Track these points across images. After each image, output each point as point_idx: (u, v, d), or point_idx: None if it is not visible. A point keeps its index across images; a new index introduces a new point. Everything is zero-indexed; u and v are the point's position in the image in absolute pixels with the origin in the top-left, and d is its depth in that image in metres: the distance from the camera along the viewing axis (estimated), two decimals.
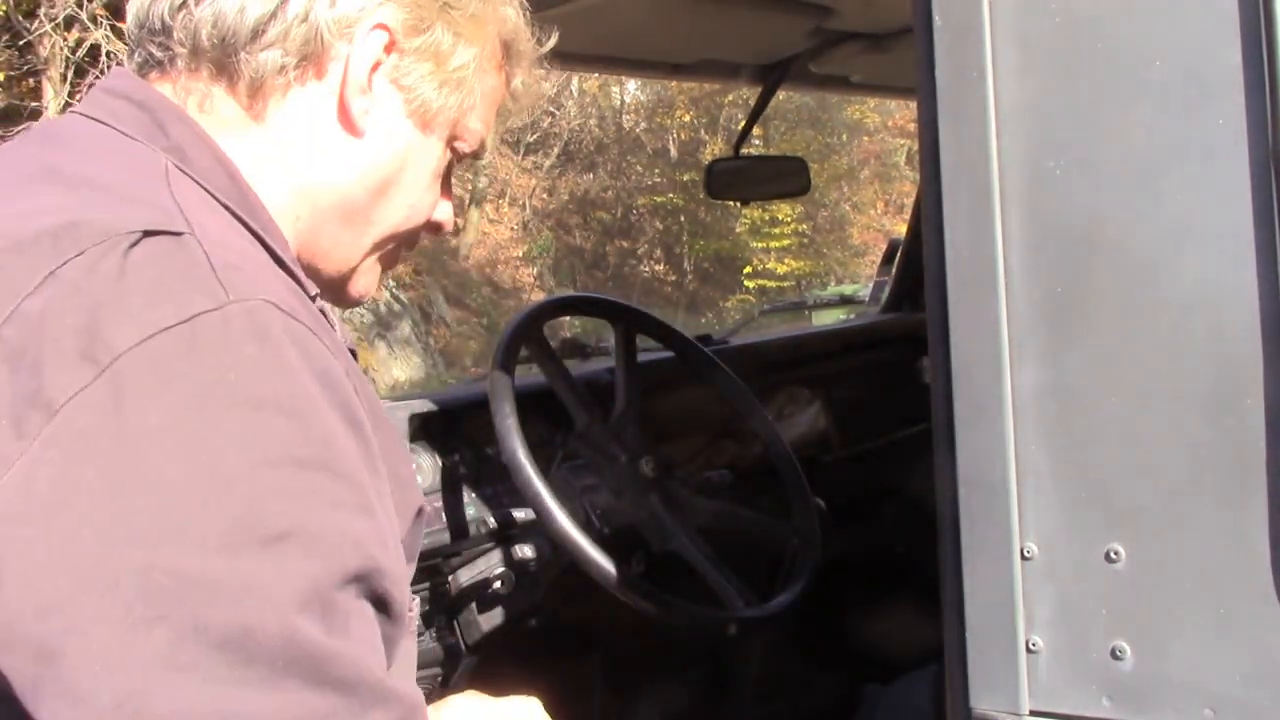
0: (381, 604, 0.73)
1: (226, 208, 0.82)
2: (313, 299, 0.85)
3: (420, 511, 0.90)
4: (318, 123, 0.87)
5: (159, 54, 0.86)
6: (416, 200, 0.94)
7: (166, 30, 0.85)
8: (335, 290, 0.95)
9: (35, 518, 0.63)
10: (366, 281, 0.97)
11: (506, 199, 18.69)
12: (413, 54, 0.88)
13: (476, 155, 0.99)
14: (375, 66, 0.87)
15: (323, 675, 0.66)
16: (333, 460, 0.70)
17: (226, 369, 0.67)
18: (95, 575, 0.62)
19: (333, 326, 0.88)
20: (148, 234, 0.70)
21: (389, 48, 0.87)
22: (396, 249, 0.98)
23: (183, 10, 0.84)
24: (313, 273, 0.91)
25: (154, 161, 0.81)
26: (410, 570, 0.91)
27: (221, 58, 0.84)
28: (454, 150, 0.95)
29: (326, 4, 0.84)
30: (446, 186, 0.99)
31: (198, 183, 0.81)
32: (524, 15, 0.98)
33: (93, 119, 0.84)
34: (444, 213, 0.99)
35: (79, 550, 0.62)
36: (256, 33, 0.83)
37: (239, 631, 0.63)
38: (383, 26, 0.86)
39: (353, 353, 0.91)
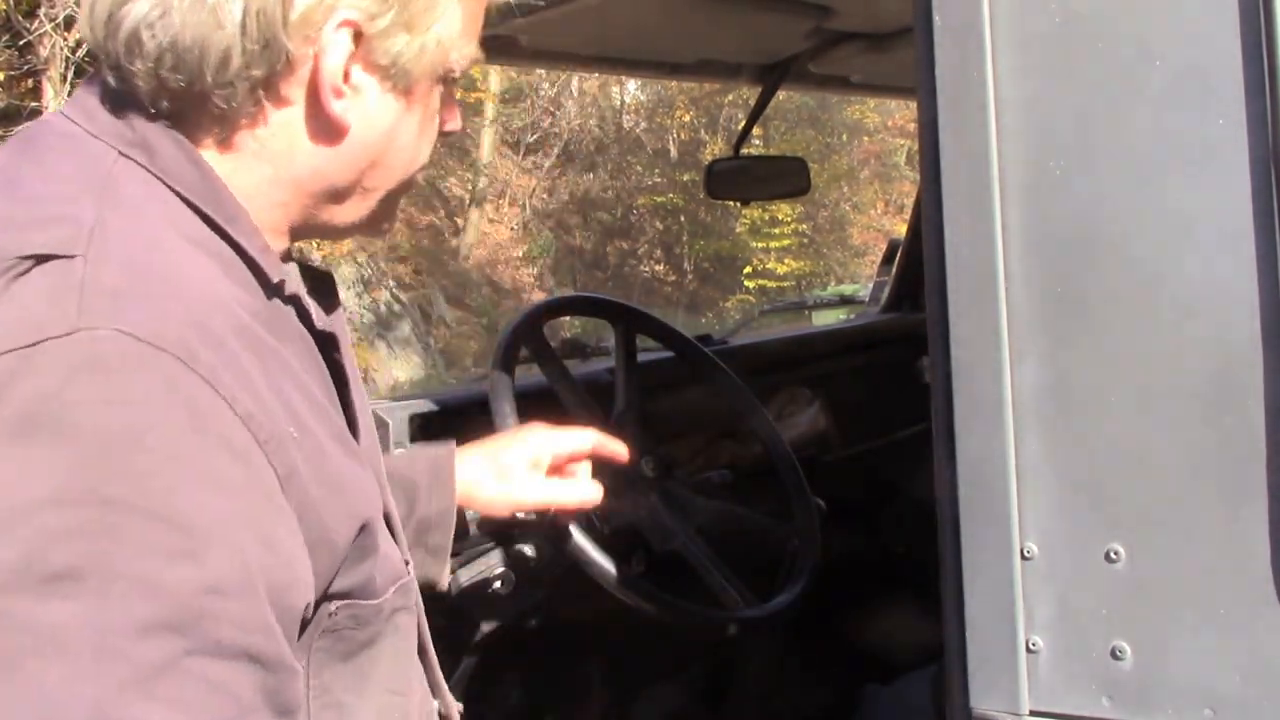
0: (248, 657, 0.69)
1: (187, 201, 0.81)
2: (280, 289, 0.84)
3: (364, 526, 0.84)
4: (296, 131, 0.85)
5: (115, 84, 0.83)
6: (414, 153, 0.92)
7: (123, 70, 0.82)
8: (354, 231, 0.95)
9: None
10: (385, 219, 0.96)
11: (506, 199, 18.68)
12: (383, 33, 0.84)
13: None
14: (348, 62, 0.84)
15: None
16: (155, 502, 0.67)
17: (50, 397, 0.66)
18: None
19: (307, 311, 0.87)
20: (40, 260, 0.71)
21: (357, 39, 0.83)
22: (407, 183, 0.95)
23: (137, 55, 0.81)
24: (321, 230, 0.92)
25: (100, 164, 0.80)
26: (397, 584, 0.90)
27: (188, 95, 0.82)
28: (447, 82, 0.92)
29: (281, 18, 0.80)
30: (448, 104, 0.95)
31: (158, 178, 0.80)
32: None
33: (67, 117, 0.84)
34: (451, 123, 0.96)
35: None
36: (220, 68, 0.80)
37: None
38: (348, 23, 0.82)
39: (330, 335, 0.89)
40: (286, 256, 0.92)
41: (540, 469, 1.42)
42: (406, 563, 0.97)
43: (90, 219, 0.75)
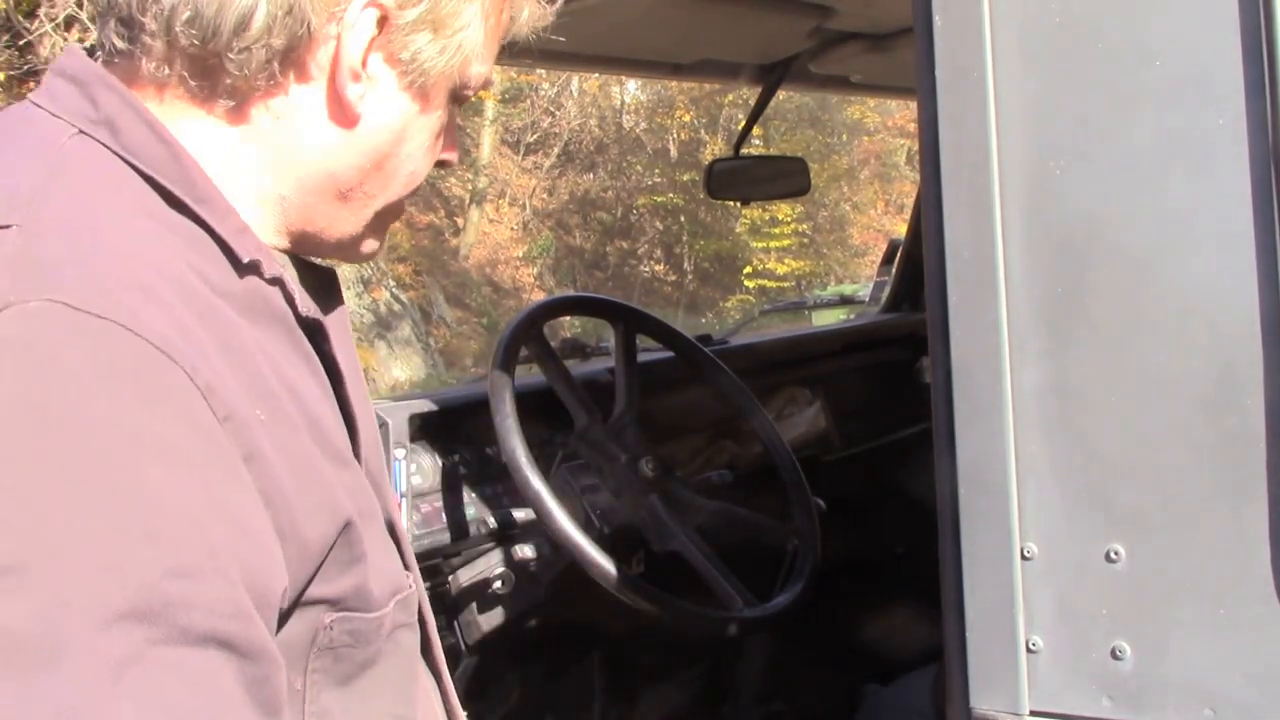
0: (223, 644, 0.63)
1: (151, 180, 0.76)
2: (257, 269, 0.79)
3: (346, 527, 0.78)
4: (307, 113, 0.82)
5: (121, 44, 0.79)
6: (417, 166, 0.89)
7: (135, 23, 0.78)
8: (343, 251, 0.91)
9: None
10: (374, 239, 0.92)
11: (506, 199, 18.68)
12: (409, 26, 0.81)
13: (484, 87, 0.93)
14: (369, 48, 0.80)
15: None
16: (103, 480, 0.62)
17: None
18: None
19: (292, 296, 0.82)
20: None
21: (382, 24, 0.80)
22: (401, 204, 0.92)
23: (154, 3, 0.77)
24: (314, 243, 0.88)
25: (52, 141, 0.76)
26: (397, 596, 0.85)
27: (201, 58, 0.78)
28: (458, 99, 0.89)
29: None
30: (450, 130, 0.92)
31: (121, 156, 0.76)
32: None
33: (34, 103, 0.79)
34: (449, 150, 0.93)
35: None
36: (239, 30, 0.76)
37: None
38: (376, 4, 0.79)
39: (319, 323, 0.85)
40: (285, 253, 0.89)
41: None
42: (409, 573, 0.92)
43: (27, 189, 0.70)
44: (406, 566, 0.93)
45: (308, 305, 0.84)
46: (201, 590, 0.63)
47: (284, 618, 0.73)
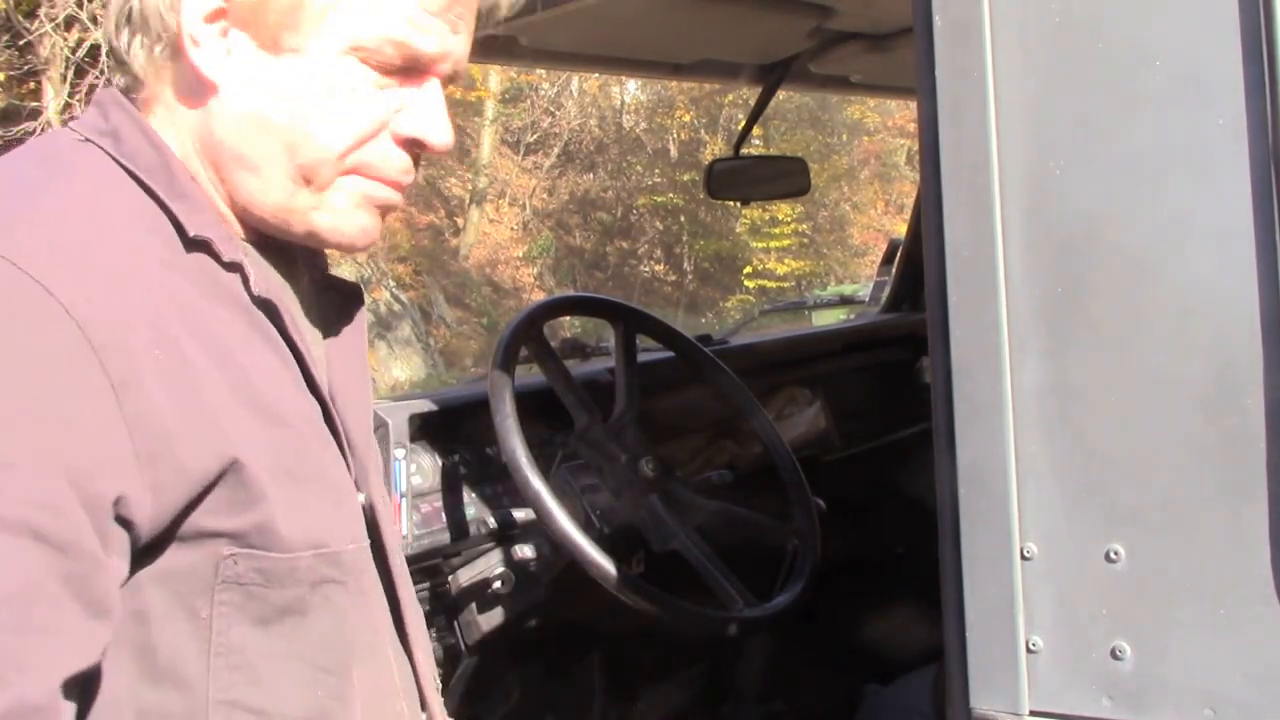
0: (33, 533, 0.71)
1: (141, 182, 0.87)
2: (207, 246, 0.88)
3: (234, 463, 0.84)
4: (185, 87, 0.90)
5: (119, 76, 0.94)
6: (319, 128, 0.89)
7: (117, 57, 0.93)
8: (311, 236, 0.94)
9: None
10: (337, 221, 0.93)
11: (506, 199, 18.68)
12: None
13: (456, 78, 0.95)
14: (210, 17, 0.87)
15: None
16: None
17: None
18: None
19: (246, 276, 0.89)
20: None
21: None
22: (366, 180, 0.93)
23: (114, 37, 0.92)
24: (259, 221, 0.93)
25: (55, 145, 0.90)
26: (319, 550, 0.89)
27: (122, 63, 0.92)
28: (378, 66, 0.90)
29: None
30: (424, 109, 0.93)
31: (119, 162, 0.87)
32: None
33: (66, 124, 0.93)
34: (414, 125, 0.93)
35: None
36: (118, 31, 0.90)
37: None
38: None
39: (269, 304, 0.91)
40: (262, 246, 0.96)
41: None
42: (360, 545, 0.96)
43: (17, 181, 0.83)
44: (384, 548, 1.01)
45: (262, 287, 0.90)
46: (13, 480, 0.71)
47: (170, 542, 0.81)
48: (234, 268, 0.89)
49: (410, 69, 0.92)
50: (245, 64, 0.89)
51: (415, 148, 0.94)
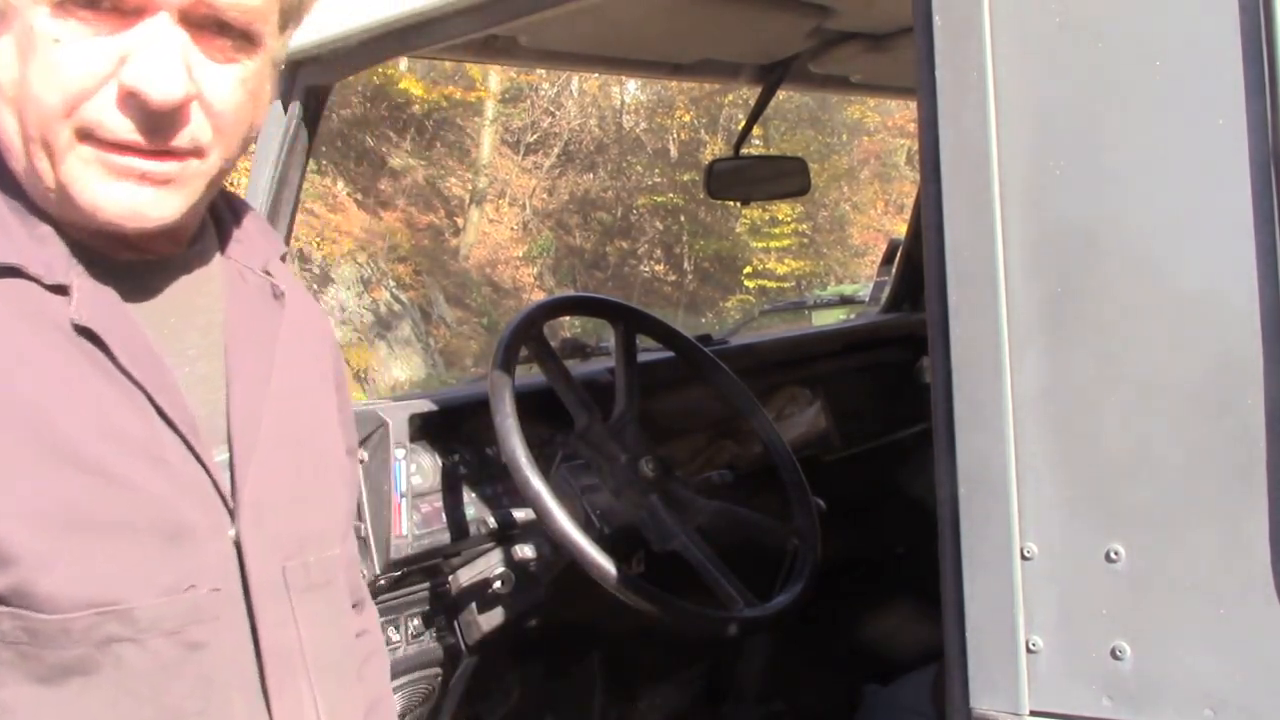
0: None
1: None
2: (21, 274, 0.84)
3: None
4: None
5: None
6: (40, 85, 0.82)
7: None
8: (85, 217, 0.86)
9: None
10: (91, 196, 0.84)
11: (506, 199, 18.68)
12: None
13: (220, 17, 0.84)
14: None
15: None
16: None
17: None
18: None
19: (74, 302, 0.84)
20: None
21: None
22: (100, 146, 0.84)
23: None
24: (54, 209, 0.87)
25: None
26: (102, 608, 0.82)
27: None
28: (85, 6, 0.81)
29: None
30: (139, 58, 0.82)
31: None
32: None
33: None
34: (129, 74, 0.82)
35: None
36: None
37: None
38: None
39: (93, 333, 0.84)
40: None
41: None
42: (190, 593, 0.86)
43: None
44: (250, 598, 0.90)
45: (85, 314, 0.84)
46: None
47: None
48: (60, 290, 0.84)
49: (126, 7, 0.82)
50: None
51: (136, 102, 0.82)
